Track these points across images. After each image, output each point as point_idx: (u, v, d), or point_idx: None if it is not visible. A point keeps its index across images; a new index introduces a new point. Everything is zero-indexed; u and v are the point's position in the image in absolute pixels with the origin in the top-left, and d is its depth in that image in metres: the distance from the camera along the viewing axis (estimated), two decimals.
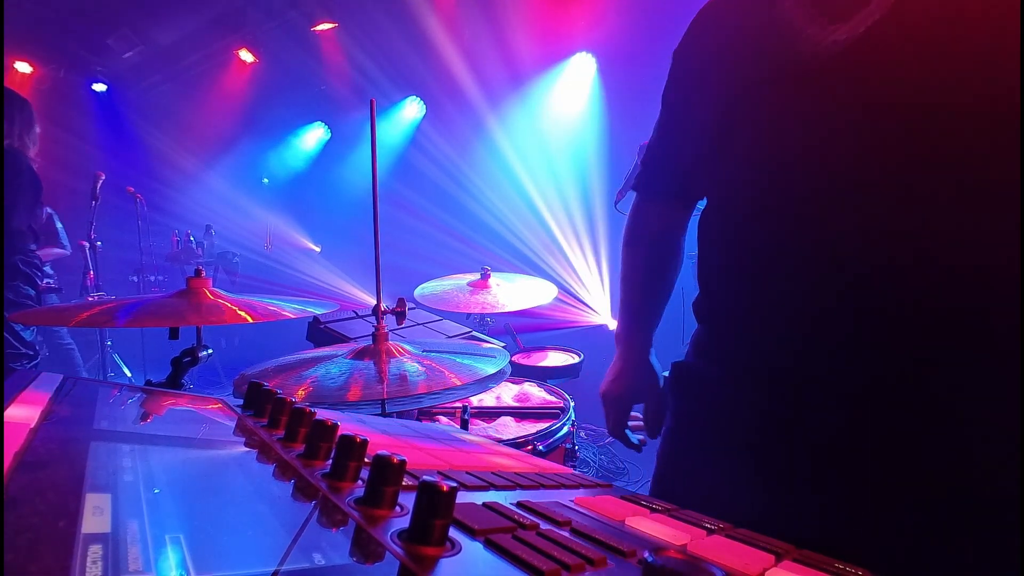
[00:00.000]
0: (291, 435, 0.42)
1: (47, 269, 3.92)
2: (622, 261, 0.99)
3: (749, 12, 0.64)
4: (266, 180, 6.59)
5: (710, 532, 0.37)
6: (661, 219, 0.91)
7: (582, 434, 3.40)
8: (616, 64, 4.15)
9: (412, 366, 1.11)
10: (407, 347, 1.22)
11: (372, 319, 1.25)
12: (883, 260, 0.51)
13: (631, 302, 0.98)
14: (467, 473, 0.44)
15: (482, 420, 1.66)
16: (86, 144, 5.90)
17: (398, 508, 0.30)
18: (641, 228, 0.94)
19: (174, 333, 1.16)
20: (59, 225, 3.87)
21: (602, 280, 4.28)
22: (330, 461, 0.35)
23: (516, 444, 1.41)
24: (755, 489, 0.63)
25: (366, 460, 0.34)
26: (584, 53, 4.35)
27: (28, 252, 2.44)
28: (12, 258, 2.36)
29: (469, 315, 2.47)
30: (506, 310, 2.23)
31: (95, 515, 0.24)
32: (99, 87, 6.21)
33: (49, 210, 3.86)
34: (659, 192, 0.89)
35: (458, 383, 1.01)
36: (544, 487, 0.46)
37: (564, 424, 1.58)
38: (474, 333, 2.29)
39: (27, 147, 2.41)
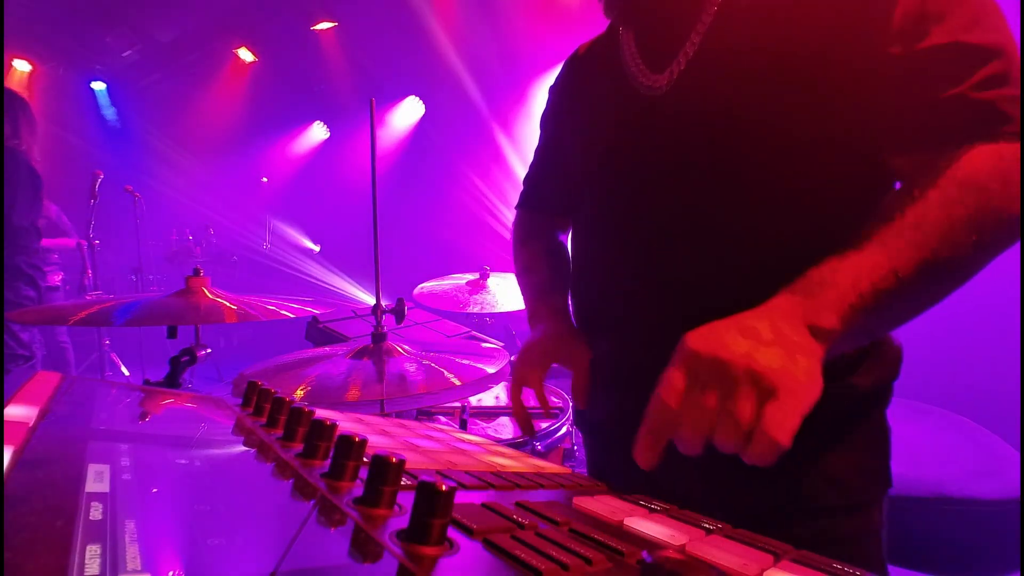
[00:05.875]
0: (290, 434, 0.42)
1: (56, 259, 3.90)
2: (517, 258, 0.99)
3: (602, 61, 0.81)
4: (265, 179, 6.58)
5: (708, 532, 0.37)
6: (545, 221, 1.00)
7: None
8: None
9: (411, 366, 1.11)
10: (406, 347, 1.22)
11: (371, 319, 1.25)
12: (675, 242, 0.69)
13: (539, 280, 0.94)
14: (466, 473, 0.44)
15: (481, 420, 1.66)
16: (85, 142, 5.88)
17: (397, 508, 0.30)
18: (529, 227, 1.01)
19: (172, 332, 1.16)
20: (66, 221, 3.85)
21: None
22: (329, 461, 0.35)
23: (515, 444, 1.41)
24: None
25: (365, 460, 0.34)
26: None
27: (32, 252, 2.42)
28: (16, 258, 2.33)
29: (468, 315, 2.47)
30: (506, 310, 2.23)
31: (93, 514, 0.24)
32: (98, 85, 6.20)
33: (55, 207, 3.84)
34: (537, 207, 1.01)
35: (457, 383, 1.01)
36: (543, 487, 0.46)
37: (564, 424, 1.58)
38: (473, 333, 2.29)
39: (31, 146, 2.40)
